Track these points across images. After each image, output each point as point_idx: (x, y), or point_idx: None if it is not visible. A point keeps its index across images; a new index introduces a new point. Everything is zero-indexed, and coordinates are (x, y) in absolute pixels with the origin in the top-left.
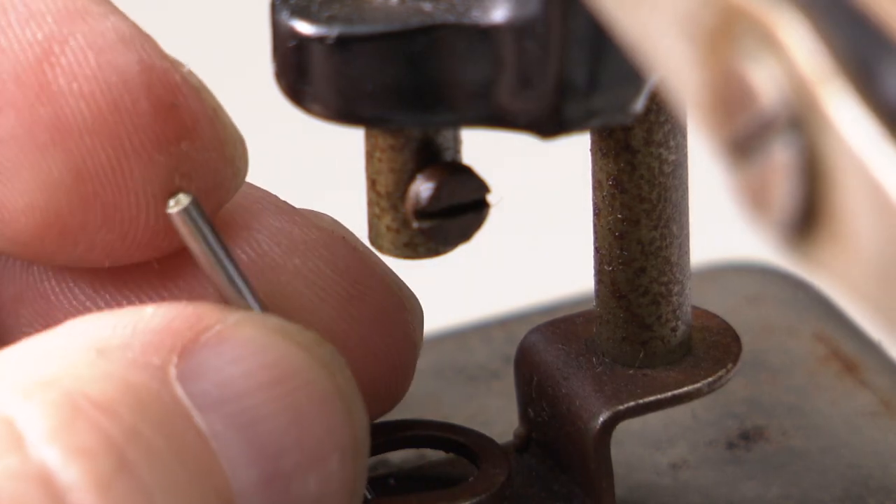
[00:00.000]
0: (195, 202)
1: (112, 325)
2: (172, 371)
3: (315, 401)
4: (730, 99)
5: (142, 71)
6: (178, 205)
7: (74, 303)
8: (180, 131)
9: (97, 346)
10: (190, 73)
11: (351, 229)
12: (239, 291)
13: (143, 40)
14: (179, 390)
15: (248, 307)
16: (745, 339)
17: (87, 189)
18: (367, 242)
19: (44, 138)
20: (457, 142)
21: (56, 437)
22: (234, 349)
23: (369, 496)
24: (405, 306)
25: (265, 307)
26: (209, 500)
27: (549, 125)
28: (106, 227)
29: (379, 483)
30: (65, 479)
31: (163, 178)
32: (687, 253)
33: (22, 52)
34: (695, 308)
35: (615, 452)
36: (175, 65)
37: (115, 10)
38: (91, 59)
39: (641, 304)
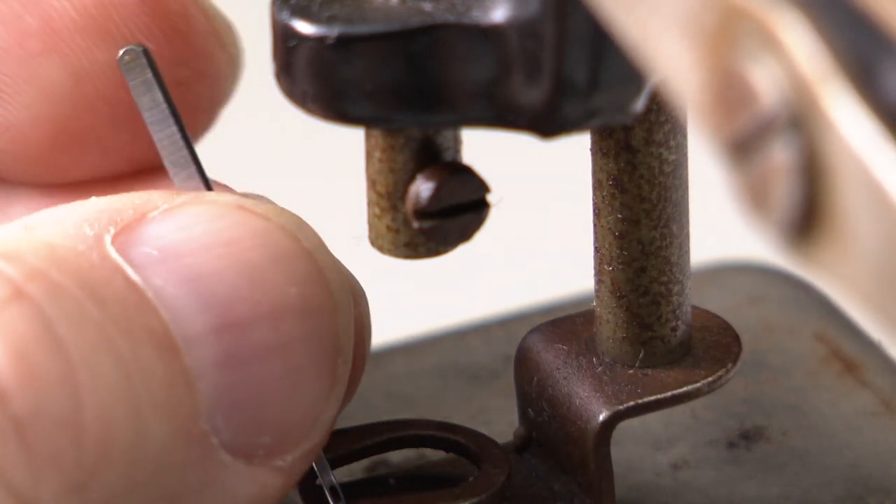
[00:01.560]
0: (147, 53)
1: (53, 210)
2: (107, 238)
3: (270, 258)
4: (730, 99)
5: None
6: (129, 55)
7: None
8: (171, 20)
9: (28, 224)
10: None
11: (351, 229)
12: (184, 156)
13: None
14: (111, 251)
15: (191, 171)
16: (746, 339)
17: (88, 89)
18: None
19: (36, 46)
20: (457, 142)
21: None
22: (180, 220)
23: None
24: (361, 299)
25: (207, 179)
26: (137, 336)
27: (549, 125)
28: (114, 125)
29: (379, 483)
30: None
31: (161, 69)
32: (687, 253)
33: None
34: (695, 308)
35: (615, 452)
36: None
37: None
38: None
39: (641, 304)
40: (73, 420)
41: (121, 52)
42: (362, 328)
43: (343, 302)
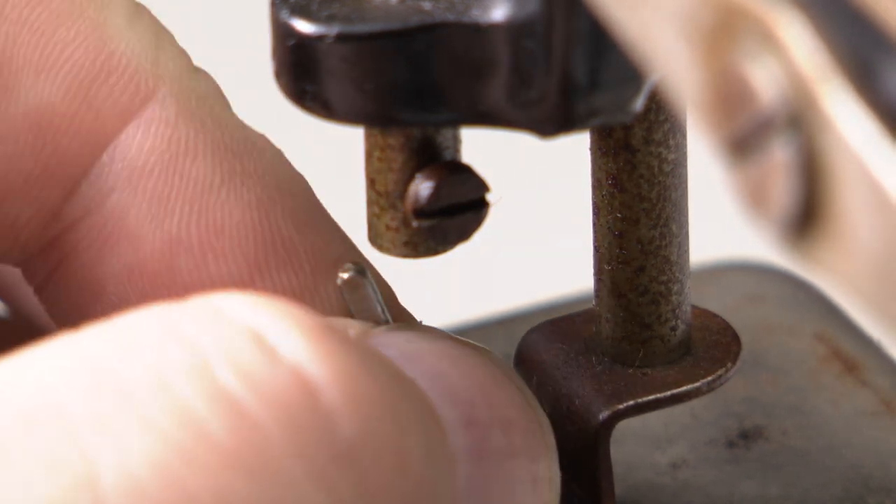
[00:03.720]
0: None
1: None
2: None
3: (490, 377)
4: (729, 98)
5: None
6: (347, 272)
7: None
8: None
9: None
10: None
11: (351, 229)
12: None
13: None
14: (374, 347)
15: None
16: (745, 339)
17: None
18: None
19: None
20: (456, 141)
21: (256, 306)
22: (404, 336)
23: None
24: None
25: None
26: (422, 411)
27: (551, 124)
28: None
29: None
30: (274, 337)
31: None
32: (686, 252)
33: None
34: (694, 307)
35: (615, 451)
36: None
37: None
38: None
39: (641, 304)
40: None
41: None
42: None
43: (551, 440)
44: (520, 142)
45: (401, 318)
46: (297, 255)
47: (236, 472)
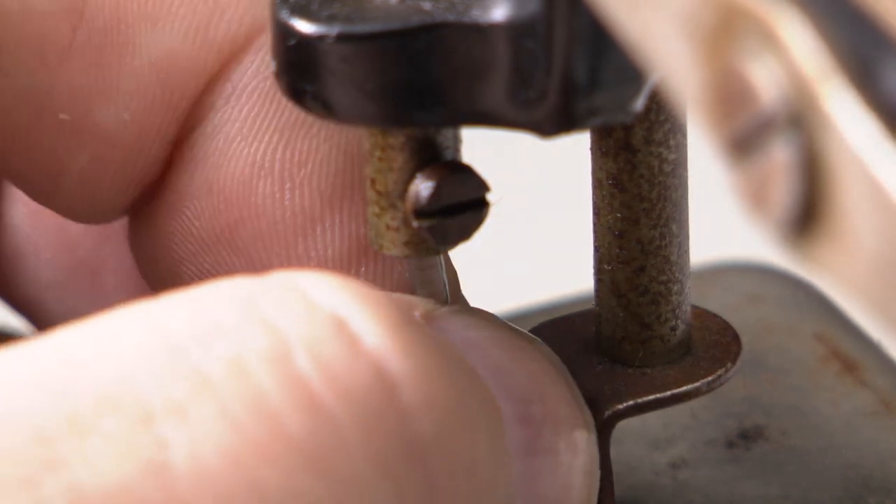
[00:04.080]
0: None
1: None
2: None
3: (545, 373)
4: (730, 97)
5: None
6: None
7: None
8: None
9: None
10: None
11: None
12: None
13: None
14: (440, 334)
15: None
16: (745, 339)
17: None
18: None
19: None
20: (457, 141)
21: (339, 289)
22: (467, 321)
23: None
24: None
25: None
26: (490, 413)
27: (551, 124)
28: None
29: None
30: (356, 324)
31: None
32: (686, 252)
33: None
34: (694, 307)
35: (614, 452)
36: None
37: None
38: None
39: (641, 304)
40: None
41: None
42: None
43: (593, 434)
44: (520, 142)
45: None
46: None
47: (307, 469)
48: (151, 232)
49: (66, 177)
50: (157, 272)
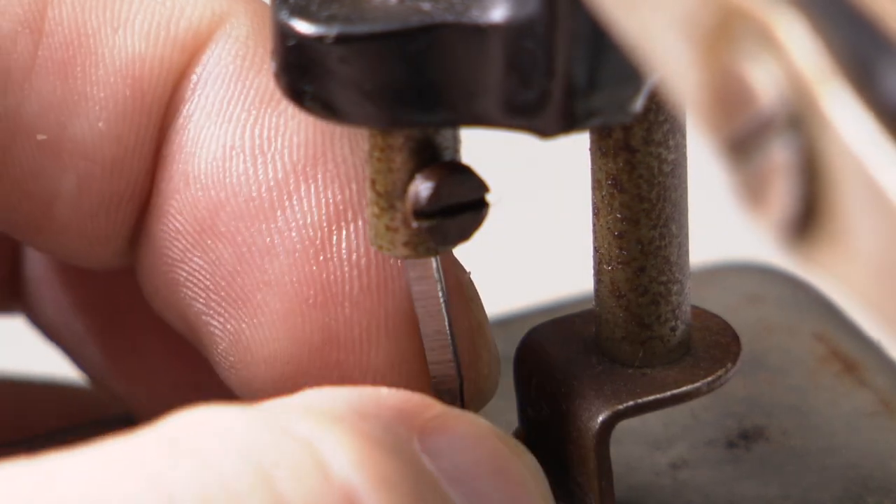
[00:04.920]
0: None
1: (360, 393)
2: (416, 445)
3: (528, 496)
4: (729, 99)
5: None
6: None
7: None
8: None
9: (356, 409)
10: (469, 281)
11: None
12: (444, 346)
13: None
14: (427, 462)
15: (453, 371)
16: (745, 339)
17: (331, 355)
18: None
19: (309, 294)
20: (456, 141)
21: (362, 466)
22: (460, 438)
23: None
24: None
25: (462, 377)
26: None
27: (551, 125)
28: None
29: None
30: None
31: (403, 372)
32: (686, 252)
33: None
34: (694, 308)
35: (615, 452)
36: (459, 267)
37: None
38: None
39: (641, 304)
40: None
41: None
42: None
43: None
44: (520, 142)
45: (465, 299)
46: (348, 171)
47: None
48: (149, 252)
49: (57, 206)
50: (158, 291)
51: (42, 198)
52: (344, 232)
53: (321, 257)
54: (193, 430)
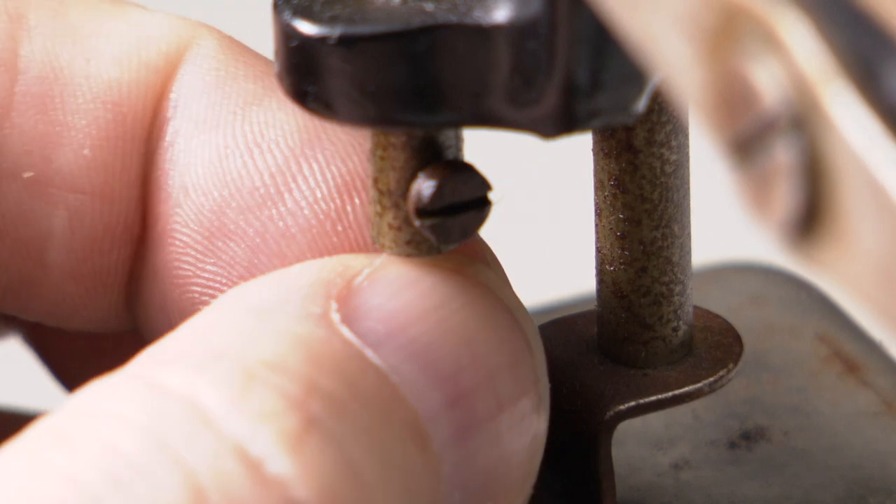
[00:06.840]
0: None
1: (263, 287)
2: (335, 316)
3: (479, 317)
4: (732, 99)
5: None
6: None
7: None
8: None
9: (255, 310)
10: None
11: None
12: None
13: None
14: (347, 332)
15: None
16: (747, 340)
17: None
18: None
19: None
20: (459, 140)
21: (237, 406)
22: (388, 286)
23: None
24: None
25: None
26: (401, 433)
27: (553, 125)
28: None
29: None
30: (257, 447)
31: None
32: (688, 253)
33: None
34: (696, 308)
35: (616, 452)
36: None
37: None
38: None
39: (643, 305)
40: None
41: None
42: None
43: (538, 350)
44: (522, 142)
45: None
46: (346, 147)
47: None
48: (154, 286)
49: (49, 251)
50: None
51: (34, 244)
52: (357, 200)
53: (339, 227)
54: (84, 413)
